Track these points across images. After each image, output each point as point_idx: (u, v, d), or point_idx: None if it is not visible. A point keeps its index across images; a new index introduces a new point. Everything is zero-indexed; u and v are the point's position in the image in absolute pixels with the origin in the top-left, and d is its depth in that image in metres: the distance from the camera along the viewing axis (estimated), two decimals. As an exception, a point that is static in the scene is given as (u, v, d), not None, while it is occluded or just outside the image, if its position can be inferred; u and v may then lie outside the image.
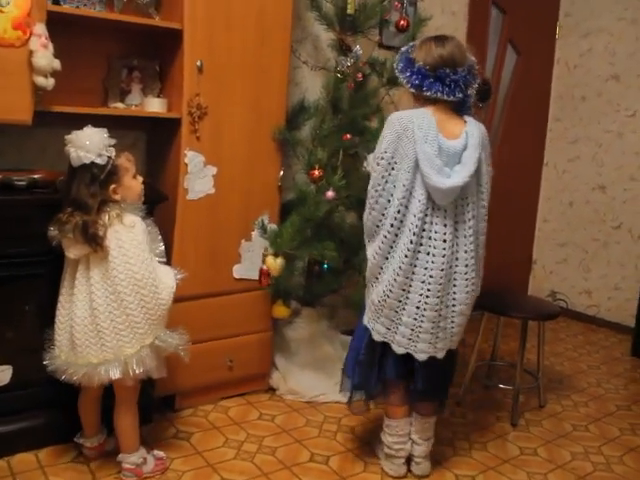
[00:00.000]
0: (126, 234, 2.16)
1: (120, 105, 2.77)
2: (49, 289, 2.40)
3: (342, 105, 3.10)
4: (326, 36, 3.36)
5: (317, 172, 2.88)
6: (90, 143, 2.11)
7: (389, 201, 2.22)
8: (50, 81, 2.26)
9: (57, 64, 2.27)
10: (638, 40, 4.48)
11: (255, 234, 2.97)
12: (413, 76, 2.20)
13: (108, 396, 2.35)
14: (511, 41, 4.73)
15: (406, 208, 2.18)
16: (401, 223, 2.20)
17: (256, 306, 3.05)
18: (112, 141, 2.17)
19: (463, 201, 2.22)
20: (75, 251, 2.16)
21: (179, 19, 2.63)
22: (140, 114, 2.75)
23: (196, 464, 2.51)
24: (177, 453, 2.57)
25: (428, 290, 2.20)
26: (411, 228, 2.17)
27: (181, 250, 2.75)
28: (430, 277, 2.19)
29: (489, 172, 2.31)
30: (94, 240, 2.10)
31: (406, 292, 2.23)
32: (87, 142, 2.11)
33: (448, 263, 2.20)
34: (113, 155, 2.16)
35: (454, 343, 2.37)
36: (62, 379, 2.22)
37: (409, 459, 2.56)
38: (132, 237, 2.17)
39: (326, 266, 3.05)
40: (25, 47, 2.19)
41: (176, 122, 2.71)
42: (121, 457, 2.35)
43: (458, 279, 2.25)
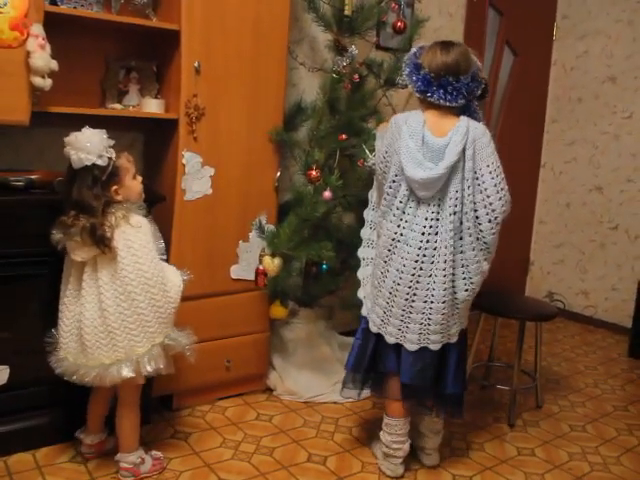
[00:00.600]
0: (134, 234, 2.18)
1: (118, 106, 2.77)
2: (46, 289, 2.41)
3: (339, 106, 3.11)
4: (323, 37, 3.37)
5: (314, 173, 2.89)
6: (90, 145, 2.11)
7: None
8: (47, 82, 2.27)
9: (54, 65, 2.27)
10: (635, 42, 4.50)
11: (253, 235, 2.98)
12: (418, 82, 2.30)
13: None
14: (508, 42, 4.74)
15: (394, 198, 2.32)
16: (389, 210, 2.34)
17: (253, 306, 3.05)
18: (111, 142, 2.18)
19: (445, 196, 2.26)
20: (82, 254, 2.15)
21: (176, 20, 2.63)
22: (138, 115, 2.76)
23: (193, 464, 2.51)
24: (174, 453, 2.57)
25: (400, 278, 2.31)
26: (393, 219, 2.32)
27: (179, 251, 2.75)
28: (403, 266, 2.30)
29: (492, 177, 2.28)
30: (102, 242, 2.10)
31: (383, 276, 2.37)
32: (87, 144, 2.11)
33: (426, 257, 2.27)
34: (113, 156, 2.17)
35: (432, 342, 2.36)
36: (73, 381, 2.22)
37: (415, 452, 2.61)
38: (140, 237, 2.19)
39: (324, 266, 3.06)
40: (22, 48, 2.19)
41: (174, 123, 2.71)
42: (119, 456, 2.36)
43: (438, 275, 2.29)
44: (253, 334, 3.09)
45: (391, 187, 2.32)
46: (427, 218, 2.27)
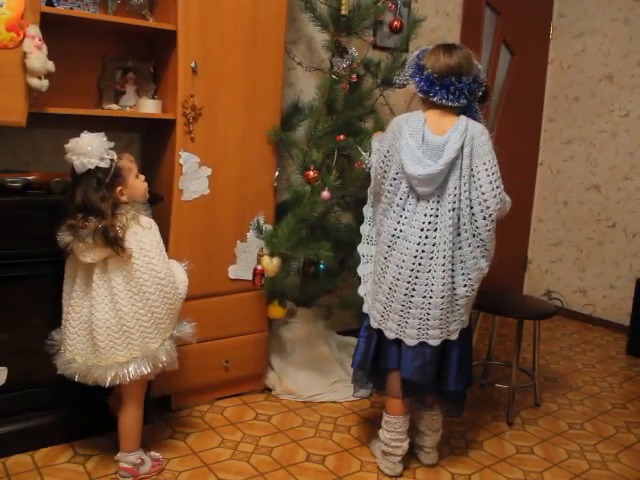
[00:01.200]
0: (145, 235, 2.20)
1: (114, 106, 2.77)
2: (44, 290, 2.41)
3: (337, 106, 3.11)
4: (320, 37, 3.37)
5: (312, 173, 2.89)
6: (91, 148, 2.12)
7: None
8: (44, 82, 2.26)
9: (51, 65, 2.27)
10: (631, 40, 4.50)
11: (250, 235, 2.98)
12: (421, 82, 2.34)
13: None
14: (505, 41, 4.75)
15: (394, 195, 2.35)
16: (389, 207, 2.38)
17: (252, 306, 3.05)
18: (111, 144, 2.19)
19: (444, 193, 2.29)
20: (93, 255, 2.14)
21: (173, 20, 2.63)
22: (135, 115, 2.76)
23: (192, 464, 2.51)
24: (173, 453, 2.57)
25: (399, 274, 2.34)
26: (392, 216, 2.36)
27: (176, 251, 2.75)
28: (402, 262, 2.33)
29: (488, 174, 2.30)
30: (116, 243, 2.11)
31: (383, 272, 2.40)
32: (88, 148, 2.12)
33: (425, 252, 2.30)
34: (115, 157, 2.18)
35: (431, 337, 2.37)
36: (86, 382, 2.22)
37: (413, 451, 2.62)
38: (151, 237, 2.22)
39: (322, 266, 3.06)
40: (19, 49, 2.19)
41: (171, 123, 2.71)
42: (119, 456, 2.36)
43: (437, 270, 2.31)
44: (251, 334, 3.08)
45: (392, 185, 2.35)
46: (426, 214, 2.30)
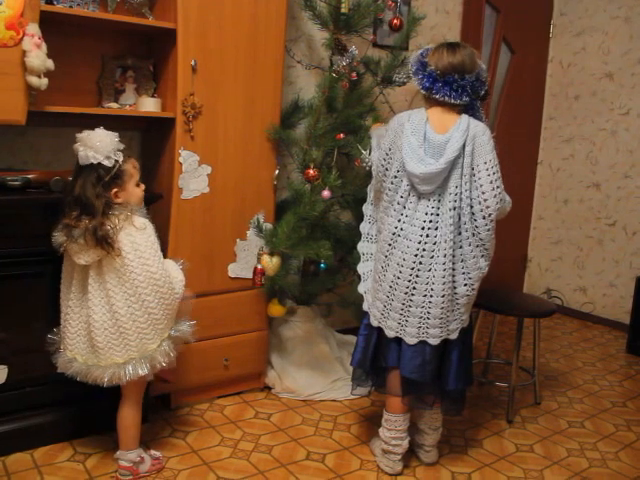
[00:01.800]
0: (140, 236, 2.19)
1: (114, 105, 2.76)
2: (44, 289, 2.41)
3: (336, 104, 3.11)
4: (320, 35, 3.36)
5: (312, 171, 2.88)
6: (100, 144, 2.13)
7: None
8: (43, 81, 2.26)
9: (50, 64, 2.26)
10: (632, 39, 4.49)
11: (250, 233, 2.98)
12: (424, 79, 2.34)
13: (110, 393, 2.35)
14: (505, 40, 4.74)
15: (395, 193, 2.35)
16: (390, 205, 2.37)
17: (252, 305, 3.05)
18: (122, 146, 2.20)
19: (445, 191, 2.29)
20: (86, 257, 2.14)
21: (173, 19, 2.63)
22: (134, 114, 2.75)
23: (192, 463, 2.52)
24: (173, 452, 2.58)
25: (400, 272, 2.34)
26: (393, 214, 2.36)
27: (176, 249, 2.75)
28: (403, 260, 2.33)
29: (489, 174, 2.30)
30: (105, 241, 2.10)
31: (384, 270, 2.40)
32: (98, 143, 2.13)
33: (425, 251, 2.30)
34: (121, 160, 2.18)
35: (431, 336, 2.37)
36: (86, 382, 2.23)
37: (413, 450, 2.63)
38: (146, 238, 2.20)
39: (322, 265, 3.06)
40: (18, 47, 2.19)
41: (170, 122, 2.71)
42: (119, 454, 2.36)
43: (437, 269, 2.31)
44: (251, 332, 3.09)
45: (393, 183, 2.35)
46: (427, 213, 2.30)
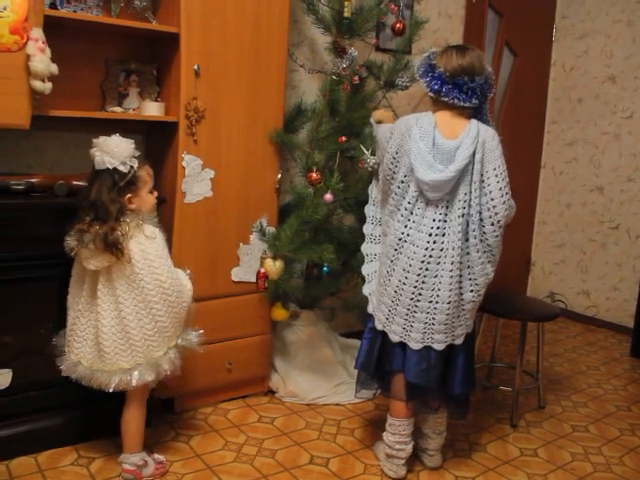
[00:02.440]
0: (149, 245, 2.20)
1: (118, 109, 2.77)
2: (47, 292, 2.41)
3: (339, 108, 3.11)
4: (323, 39, 3.37)
5: (315, 175, 2.88)
6: (117, 150, 2.16)
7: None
8: (47, 85, 2.26)
9: (54, 68, 2.27)
10: (634, 42, 4.49)
11: (253, 237, 2.98)
12: (433, 81, 2.31)
13: (114, 397, 2.34)
14: (508, 43, 4.74)
15: (403, 198, 2.33)
16: (397, 210, 2.35)
17: (255, 309, 3.05)
18: (137, 153, 2.23)
19: (454, 198, 2.28)
20: (96, 262, 2.15)
21: (176, 23, 2.63)
22: (138, 118, 2.76)
23: (195, 467, 2.51)
24: (176, 456, 2.57)
25: (406, 278, 2.32)
26: (400, 219, 2.33)
27: (179, 253, 2.75)
28: (410, 266, 2.31)
29: (498, 180, 2.28)
30: (115, 246, 2.11)
31: (389, 275, 2.38)
32: (114, 148, 2.16)
33: (432, 257, 2.28)
34: (136, 166, 2.21)
35: (436, 342, 2.36)
36: (91, 386, 2.24)
37: (417, 454, 2.62)
38: (155, 247, 2.21)
39: (325, 269, 3.05)
40: (22, 51, 2.19)
41: (174, 126, 2.71)
42: (123, 457, 2.36)
43: (444, 276, 2.29)
44: (255, 336, 3.08)
45: (399, 187, 2.33)
46: (435, 219, 2.28)
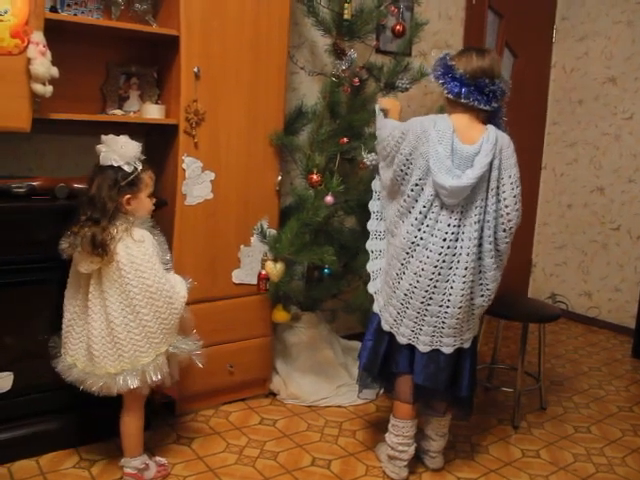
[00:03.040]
0: (137, 249, 2.19)
1: (118, 112, 2.77)
2: (48, 295, 2.41)
3: (340, 110, 3.11)
4: (323, 41, 3.37)
5: (315, 177, 2.88)
6: (124, 149, 2.18)
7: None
8: (48, 88, 2.27)
9: (55, 71, 2.27)
10: (634, 43, 4.50)
11: (254, 239, 2.98)
12: (452, 83, 2.28)
13: (115, 400, 2.34)
14: (508, 45, 4.75)
15: (415, 201, 2.29)
16: (408, 212, 2.31)
17: (256, 311, 3.05)
18: (143, 157, 2.24)
19: (471, 204, 2.25)
20: (85, 265, 2.16)
21: (176, 26, 2.64)
22: (138, 121, 2.76)
23: (197, 469, 2.51)
24: (178, 458, 2.57)
25: (417, 282, 2.29)
26: (414, 223, 2.28)
27: (180, 255, 2.76)
28: (422, 270, 2.28)
29: (513, 188, 2.30)
30: (102, 247, 2.11)
31: (399, 277, 2.34)
32: (121, 147, 2.18)
33: (445, 262, 2.26)
34: (140, 168, 2.22)
35: (444, 345, 2.36)
36: (82, 389, 2.23)
37: (419, 455, 2.61)
38: (143, 251, 2.20)
39: (326, 270, 3.05)
40: (23, 55, 2.20)
41: (174, 128, 2.72)
42: (124, 461, 2.36)
43: (456, 281, 2.27)
44: (256, 338, 3.08)
45: (413, 190, 2.29)
46: (449, 224, 2.25)
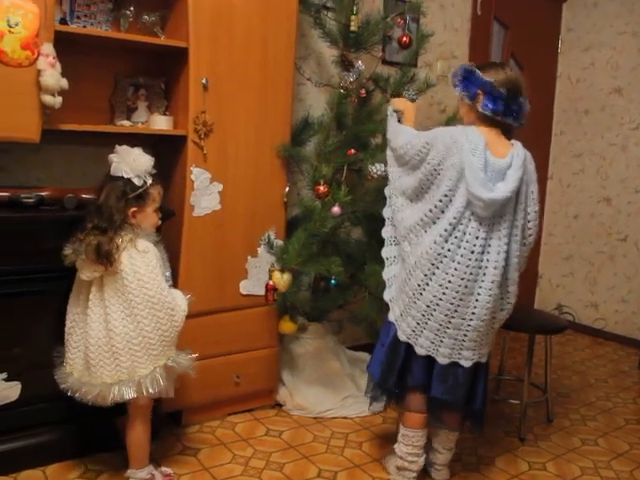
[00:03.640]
0: (140, 259, 2.20)
1: (126, 122, 2.79)
2: (56, 305, 2.41)
3: (346, 121, 3.13)
4: (330, 53, 3.39)
5: (322, 188, 2.89)
6: (135, 162, 2.20)
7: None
8: (57, 100, 2.28)
9: (64, 83, 2.29)
10: (640, 54, 4.51)
11: (261, 250, 2.98)
12: (492, 100, 2.24)
13: (121, 410, 2.35)
14: (513, 56, 4.76)
15: (442, 212, 2.24)
16: (433, 223, 2.27)
17: (263, 322, 3.05)
18: (154, 171, 2.26)
19: (500, 218, 2.23)
20: (88, 273, 2.17)
21: (184, 37, 2.65)
22: (146, 132, 2.78)
23: (203, 480, 2.51)
24: (184, 469, 2.57)
25: (443, 294, 2.24)
26: (442, 234, 2.22)
27: (188, 266, 2.76)
28: (449, 282, 2.23)
29: (535, 203, 2.33)
30: (106, 257, 2.12)
31: (421, 289, 2.28)
32: (134, 160, 2.20)
33: (472, 275, 2.22)
34: (149, 182, 2.23)
35: (464, 358, 2.34)
36: (76, 397, 2.23)
37: (425, 467, 2.59)
38: (147, 262, 2.20)
39: (333, 281, 3.05)
40: (33, 66, 2.22)
41: (182, 139, 2.73)
42: (130, 472, 2.36)
43: (482, 294, 2.24)
44: (262, 349, 3.08)
45: (441, 201, 2.24)
46: (478, 237, 2.21)
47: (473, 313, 2.26)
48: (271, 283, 2.91)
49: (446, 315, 2.27)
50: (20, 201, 2.37)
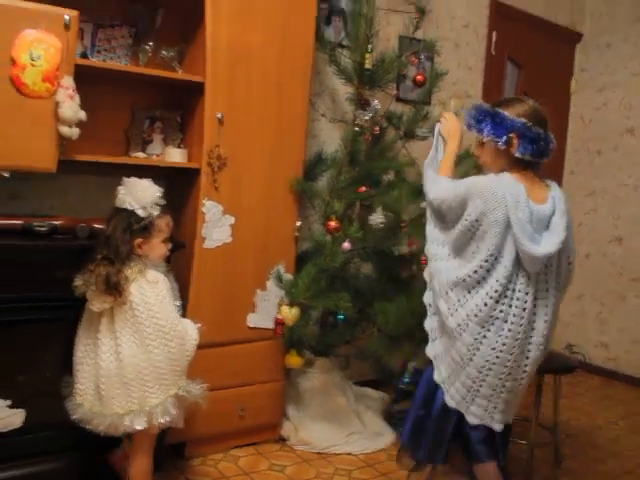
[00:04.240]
0: (150, 289, 2.21)
1: (141, 155, 2.83)
2: (66, 334, 2.42)
3: (359, 157, 3.15)
4: (344, 90, 3.43)
5: (334, 223, 2.91)
6: (141, 194, 2.21)
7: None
8: (74, 131, 2.32)
9: (83, 115, 2.33)
10: (653, 95, 4.53)
11: (270, 283, 2.99)
12: (530, 144, 2.04)
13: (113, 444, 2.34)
14: (526, 95, 4.77)
15: (487, 272, 2.04)
16: (478, 284, 2.06)
17: (269, 355, 3.04)
18: (162, 202, 2.27)
19: (547, 269, 2.07)
20: (98, 304, 2.18)
21: (201, 72, 2.70)
22: (161, 164, 2.82)
23: (205, 515, 2.49)
24: (186, 503, 2.55)
25: (497, 357, 2.05)
26: (492, 295, 2.03)
27: (197, 297, 2.77)
28: (503, 345, 2.04)
29: (574, 247, 2.18)
30: (116, 288, 2.13)
31: (471, 354, 2.09)
32: (139, 191, 2.21)
33: (525, 334, 2.05)
34: (155, 214, 2.24)
35: (510, 417, 2.23)
36: (89, 428, 2.23)
37: None
38: (157, 292, 2.22)
39: (340, 316, 3.05)
40: (52, 98, 2.26)
41: (196, 172, 2.76)
42: (132, 505, 2.34)
43: (532, 350, 2.09)
44: (268, 383, 3.07)
45: (487, 261, 2.02)
46: (527, 293, 2.03)
47: (524, 371, 2.11)
48: (280, 317, 2.91)
49: (500, 379, 2.08)
50: (33, 229, 2.40)
